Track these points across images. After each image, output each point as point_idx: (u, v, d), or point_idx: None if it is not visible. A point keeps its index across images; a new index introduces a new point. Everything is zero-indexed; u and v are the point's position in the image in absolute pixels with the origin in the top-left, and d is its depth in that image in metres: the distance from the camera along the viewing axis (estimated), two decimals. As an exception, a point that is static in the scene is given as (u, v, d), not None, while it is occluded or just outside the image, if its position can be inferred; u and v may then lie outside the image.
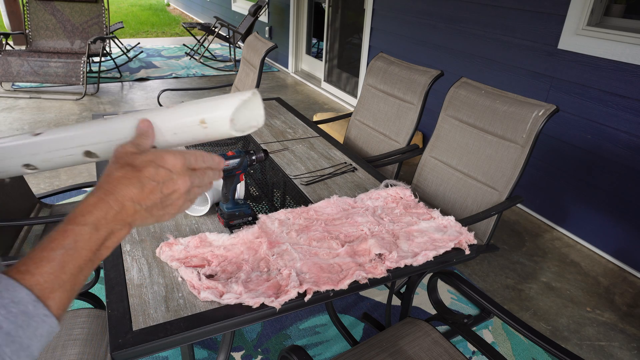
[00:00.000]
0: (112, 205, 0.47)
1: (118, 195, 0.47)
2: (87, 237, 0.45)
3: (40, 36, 4.68)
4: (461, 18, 3.06)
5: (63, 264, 0.43)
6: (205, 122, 0.55)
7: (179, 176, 0.50)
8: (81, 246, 0.45)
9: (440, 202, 1.89)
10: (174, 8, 12.12)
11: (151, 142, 0.54)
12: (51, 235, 0.44)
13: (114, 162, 0.50)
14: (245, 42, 2.83)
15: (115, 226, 0.47)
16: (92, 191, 0.48)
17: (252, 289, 0.95)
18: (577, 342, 1.85)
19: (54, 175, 2.96)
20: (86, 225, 0.45)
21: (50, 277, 0.42)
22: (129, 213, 0.48)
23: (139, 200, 0.48)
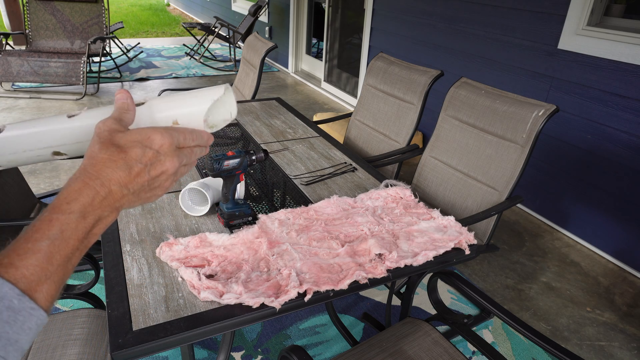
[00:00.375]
0: (98, 191, 0.44)
1: (104, 180, 0.45)
2: (73, 225, 0.43)
3: (40, 36, 4.68)
4: (461, 18, 3.06)
5: (50, 255, 0.41)
6: (178, 122, 0.54)
7: (166, 157, 0.48)
8: (68, 235, 0.43)
9: (440, 202, 1.89)
10: (174, 8, 12.12)
11: (132, 116, 0.51)
12: (35, 225, 0.42)
13: (98, 142, 0.47)
14: (245, 42, 2.83)
15: (102, 212, 0.45)
16: (75, 175, 0.45)
17: (252, 289, 0.95)
18: (577, 342, 1.85)
19: (54, 175, 2.96)
20: (72, 213, 0.43)
21: (36, 270, 0.40)
22: (116, 198, 0.46)
23: (126, 183, 0.46)
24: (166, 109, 0.54)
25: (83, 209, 0.44)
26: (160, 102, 0.54)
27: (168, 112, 0.54)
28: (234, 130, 1.94)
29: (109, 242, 1.11)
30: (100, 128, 0.48)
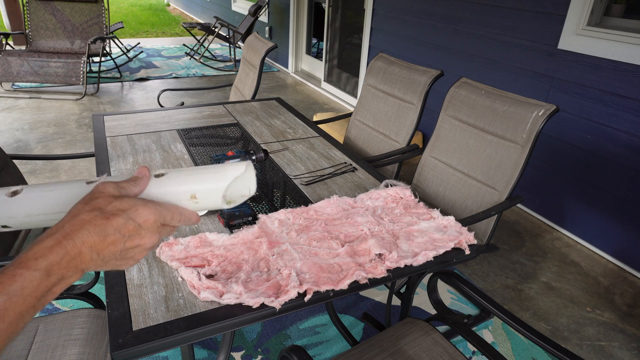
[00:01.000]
0: (68, 251, 0.44)
1: (77, 241, 0.44)
2: (36, 283, 0.42)
3: (40, 36, 4.69)
4: (461, 18, 3.06)
5: (3, 312, 0.40)
6: (197, 197, 0.54)
7: (147, 232, 0.48)
8: (27, 293, 0.41)
9: (440, 202, 1.89)
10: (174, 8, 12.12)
11: (139, 191, 0.51)
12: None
13: (86, 202, 0.47)
14: (245, 42, 2.83)
15: (67, 272, 0.44)
16: (51, 230, 0.45)
17: (252, 289, 0.95)
18: (577, 342, 1.85)
19: (54, 175, 2.96)
20: (37, 270, 0.42)
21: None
22: (84, 260, 0.45)
23: (98, 250, 0.45)
24: (185, 183, 0.54)
25: (49, 267, 0.43)
26: (180, 175, 0.54)
27: (187, 187, 0.54)
28: (234, 130, 1.94)
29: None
30: (98, 187, 0.49)
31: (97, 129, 1.86)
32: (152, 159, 1.60)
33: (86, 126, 3.79)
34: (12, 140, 3.45)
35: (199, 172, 0.55)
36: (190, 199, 0.54)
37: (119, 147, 1.69)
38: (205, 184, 0.54)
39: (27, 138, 3.50)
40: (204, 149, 1.71)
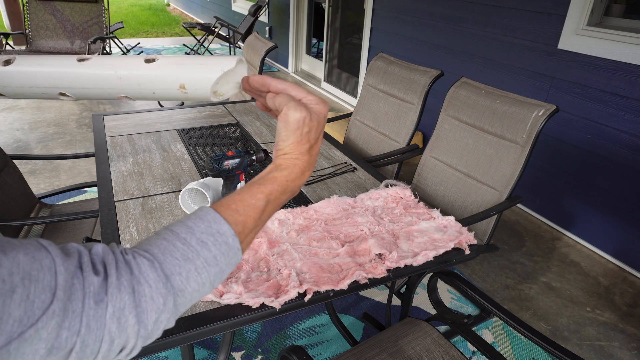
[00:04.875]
0: (289, 173, 0.57)
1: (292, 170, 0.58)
2: (279, 195, 0.56)
3: (40, 36, 4.68)
4: (461, 18, 3.06)
5: (262, 213, 0.53)
6: (186, 87, 0.54)
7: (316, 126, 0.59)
8: (277, 203, 0.56)
9: (440, 202, 1.89)
10: (174, 8, 12.12)
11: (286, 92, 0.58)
12: (261, 188, 0.54)
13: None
14: (245, 42, 2.83)
15: (288, 187, 0.58)
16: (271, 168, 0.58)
17: (252, 289, 0.95)
18: (577, 342, 1.85)
19: (54, 175, 2.96)
20: (280, 185, 0.56)
21: (250, 221, 0.52)
22: (292, 177, 0.58)
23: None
24: (176, 71, 0.54)
25: (294, 181, 0.57)
26: (171, 63, 0.54)
27: (177, 75, 0.54)
28: (234, 130, 1.94)
29: (109, 242, 1.11)
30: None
31: (97, 129, 1.86)
32: (152, 159, 1.60)
33: (86, 126, 3.79)
34: (12, 140, 3.45)
35: (190, 61, 0.54)
36: (179, 89, 0.54)
37: (119, 147, 1.69)
38: (195, 74, 0.54)
39: (27, 138, 3.50)
40: (204, 149, 1.71)
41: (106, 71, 0.53)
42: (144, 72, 0.53)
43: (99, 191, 1.36)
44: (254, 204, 0.53)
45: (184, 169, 1.54)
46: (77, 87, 0.54)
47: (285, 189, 0.56)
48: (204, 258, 0.47)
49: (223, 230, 0.49)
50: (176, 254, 0.45)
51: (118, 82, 0.54)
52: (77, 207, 1.89)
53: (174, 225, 0.49)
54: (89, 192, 2.71)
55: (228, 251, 0.49)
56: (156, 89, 0.54)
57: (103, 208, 1.27)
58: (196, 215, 0.50)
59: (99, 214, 1.25)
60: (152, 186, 1.41)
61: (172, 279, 0.44)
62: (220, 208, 0.51)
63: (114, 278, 0.41)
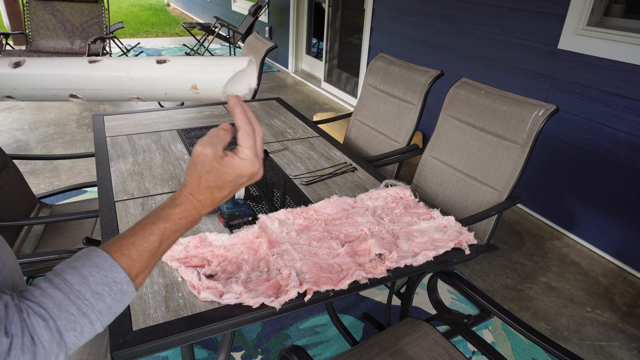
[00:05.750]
0: (195, 206, 0.58)
1: (200, 200, 0.59)
2: (180, 233, 0.57)
3: (40, 36, 4.68)
4: (461, 18, 3.06)
5: (156, 255, 0.54)
6: (197, 87, 0.54)
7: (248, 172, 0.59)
8: (172, 241, 0.56)
9: (440, 202, 1.89)
10: (174, 8, 12.12)
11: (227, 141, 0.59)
12: (151, 229, 0.54)
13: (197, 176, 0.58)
14: (245, 42, 2.83)
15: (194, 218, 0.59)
16: (177, 197, 0.58)
17: (252, 289, 0.95)
18: (577, 342, 1.85)
19: (54, 175, 2.96)
20: (183, 220, 0.57)
21: (143, 264, 0.52)
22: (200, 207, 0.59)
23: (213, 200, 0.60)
24: (187, 72, 0.54)
25: (187, 218, 0.57)
26: (182, 64, 0.54)
27: (189, 75, 0.54)
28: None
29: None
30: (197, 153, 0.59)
31: (97, 129, 1.86)
32: (152, 159, 1.60)
33: (86, 126, 3.79)
34: (12, 140, 3.45)
35: (202, 62, 0.55)
36: (191, 89, 0.54)
37: (119, 147, 1.69)
38: (207, 74, 0.54)
39: (27, 138, 3.50)
40: (204, 149, 1.71)
41: (118, 72, 0.53)
42: (156, 73, 0.54)
43: (99, 191, 1.36)
44: (146, 247, 0.53)
45: (184, 169, 1.54)
46: (89, 89, 0.54)
47: (179, 227, 0.56)
48: (98, 310, 0.48)
49: (119, 278, 0.50)
50: (71, 308, 0.46)
51: (130, 83, 0.54)
52: (77, 207, 1.89)
53: (66, 271, 0.48)
54: (89, 192, 2.71)
55: (122, 297, 0.50)
56: (168, 90, 0.54)
57: (103, 208, 1.27)
58: (92, 262, 0.49)
59: (99, 214, 1.25)
60: (152, 186, 1.41)
61: (66, 336, 0.45)
62: (115, 254, 0.51)
63: (19, 339, 0.42)
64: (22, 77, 0.53)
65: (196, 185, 0.57)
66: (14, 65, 0.53)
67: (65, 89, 0.54)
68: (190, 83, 0.54)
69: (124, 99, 0.56)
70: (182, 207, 0.56)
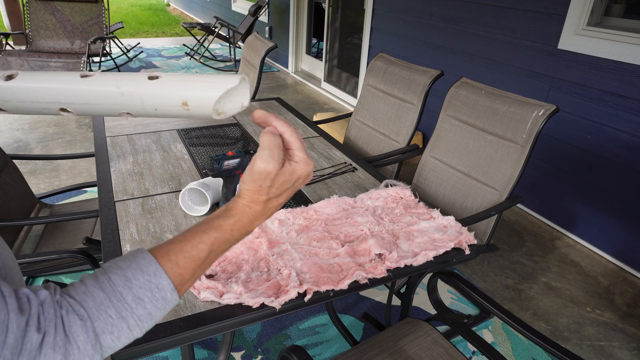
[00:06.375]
0: (244, 221, 0.57)
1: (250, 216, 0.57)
2: (229, 244, 0.56)
3: (40, 36, 4.68)
4: (461, 18, 3.06)
5: (204, 265, 0.53)
6: (188, 104, 0.54)
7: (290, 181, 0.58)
8: (221, 251, 0.55)
9: (440, 202, 1.89)
10: (174, 8, 12.12)
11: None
12: (202, 238, 0.52)
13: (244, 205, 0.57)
14: (245, 42, 2.83)
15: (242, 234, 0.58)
16: (237, 209, 0.57)
17: (252, 289, 0.95)
18: (577, 342, 1.85)
19: (54, 175, 2.96)
20: (234, 233, 0.55)
21: (189, 273, 0.51)
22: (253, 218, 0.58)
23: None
24: (178, 88, 0.54)
25: (240, 230, 0.56)
26: (174, 80, 0.54)
27: (180, 92, 0.54)
28: (234, 130, 1.94)
29: (109, 242, 1.11)
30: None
31: (97, 129, 1.86)
32: (152, 159, 1.60)
33: (86, 126, 3.79)
34: (12, 140, 3.45)
35: (193, 79, 0.54)
36: (181, 106, 0.54)
37: (119, 147, 1.69)
38: (198, 91, 0.53)
39: (27, 138, 3.50)
40: (204, 149, 1.71)
41: (108, 87, 0.53)
42: (147, 89, 0.53)
43: (99, 191, 1.36)
44: (195, 255, 0.52)
45: (184, 169, 1.54)
46: (79, 103, 0.54)
47: (230, 238, 0.55)
48: (137, 316, 0.47)
49: (162, 285, 0.48)
50: (110, 310, 0.45)
51: (120, 98, 0.54)
52: (77, 207, 1.89)
53: (112, 271, 0.48)
54: (89, 192, 2.71)
55: (164, 305, 0.49)
56: (158, 106, 0.54)
57: (103, 208, 1.27)
58: (137, 264, 0.49)
59: (99, 214, 1.25)
60: (152, 186, 1.41)
61: (102, 338, 0.44)
62: (161, 258, 0.50)
63: (52, 337, 0.41)
64: (13, 90, 0.53)
65: (254, 197, 0.55)
66: (6, 78, 0.53)
67: (55, 103, 0.54)
68: (180, 100, 0.54)
69: (114, 114, 0.56)
70: (236, 218, 0.55)
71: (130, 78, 0.54)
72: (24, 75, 0.53)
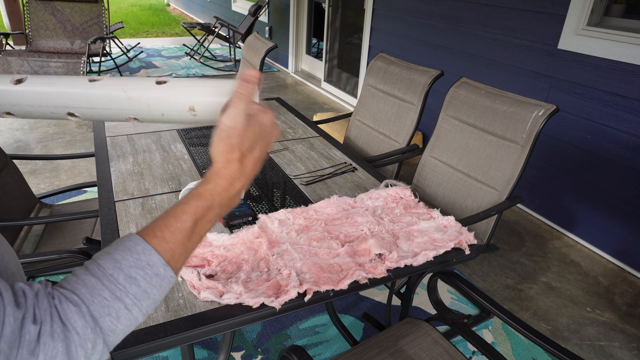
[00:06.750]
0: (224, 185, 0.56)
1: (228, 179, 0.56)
2: (215, 212, 0.54)
3: (40, 36, 4.68)
4: (461, 18, 3.06)
5: (191, 235, 0.52)
6: (195, 110, 0.54)
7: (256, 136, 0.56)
8: (207, 220, 0.54)
9: (440, 202, 1.89)
10: (174, 8, 12.12)
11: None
12: (184, 208, 0.52)
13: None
14: (245, 42, 2.83)
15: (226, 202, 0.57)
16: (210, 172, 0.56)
17: (252, 289, 0.95)
18: (577, 342, 1.85)
19: (54, 175, 2.96)
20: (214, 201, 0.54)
21: (178, 246, 0.51)
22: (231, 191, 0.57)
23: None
24: (186, 93, 0.53)
25: (221, 194, 0.55)
26: (182, 85, 0.54)
27: (187, 97, 0.53)
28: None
29: (109, 242, 1.11)
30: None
31: (97, 129, 1.86)
32: (152, 159, 1.60)
33: (86, 126, 3.79)
34: (12, 140, 3.45)
35: (200, 84, 0.54)
36: (188, 111, 0.53)
37: (119, 147, 1.69)
38: (206, 97, 0.53)
39: (27, 138, 3.50)
40: (204, 149, 1.71)
41: (116, 92, 0.53)
42: (154, 94, 0.53)
43: (99, 191, 1.36)
44: (180, 227, 0.51)
45: (184, 169, 1.54)
46: (87, 107, 0.54)
47: (212, 203, 0.54)
48: (132, 295, 0.46)
49: (153, 261, 0.48)
50: (104, 292, 0.45)
51: (128, 102, 0.54)
52: (77, 207, 1.89)
53: (101, 257, 0.47)
54: (89, 192, 2.71)
55: (160, 282, 0.48)
56: (165, 111, 0.54)
57: (103, 208, 1.27)
58: (124, 246, 0.48)
59: (99, 214, 1.25)
60: (152, 186, 1.41)
61: (101, 321, 0.44)
62: (147, 236, 0.49)
63: (48, 326, 0.41)
64: (22, 94, 0.53)
65: (227, 156, 0.54)
66: (16, 82, 0.53)
67: (63, 107, 0.54)
68: (188, 105, 0.53)
69: (121, 119, 0.55)
70: (214, 182, 0.54)
71: (137, 83, 0.54)
72: (33, 80, 0.53)
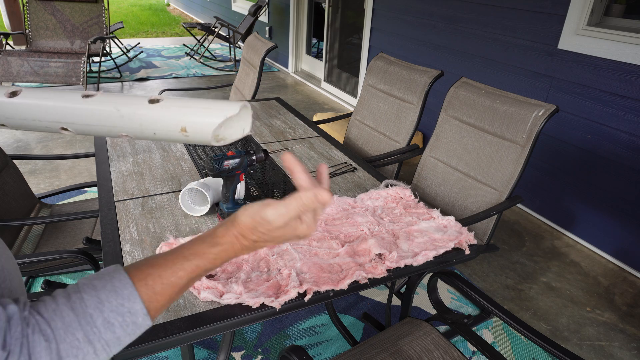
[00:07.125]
0: (227, 248, 0.55)
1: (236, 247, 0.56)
2: (208, 267, 0.54)
3: (40, 36, 4.68)
4: (461, 18, 3.06)
5: (181, 291, 0.52)
6: (187, 130, 0.53)
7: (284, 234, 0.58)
8: (198, 275, 0.54)
9: (440, 202, 1.89)
10: (174, 8, 12.12)
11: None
12: (184, 265, 0.51)
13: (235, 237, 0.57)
14: (245, 42, 2.83)
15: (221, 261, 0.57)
16: (223, 229, 0.56)
17: (252, 289, 0.95)
18: (577, 342, 1.85)
19: (54, 175, 2.96)
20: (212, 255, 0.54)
21: (166, 299, 0.50)
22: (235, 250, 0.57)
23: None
24: (178, 113, 0.53)
25: (223, 260, 0.55)
26: (174, 105, 0.53)
27: (179, 117, 0.53)
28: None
29: (109, 242, 1.11)
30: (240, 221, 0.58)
31: (97, 129, 1.86)
32: (152, 159, 1.60)
33: (86, 126, 3.78)
34: (12, 140, 3.45)
35: (194, 104, 0.54)
36: (180, 132, 0.53)
37: (119, 147, 1.69)
38: (197, 117, 0.53)
39: (27, 138, 3.50)
40: (204, 149, 1.71)
41: (109, 109, 0.52)
42: (147, 113, 0.53)
43: (99, 191, 1.36)
44: (173, 282, 0.50)
45: (184, 169, 1.54)
46: (80, 123, 0.54)
47: (211, 267, 0.54)
48: (105, 341, 0.45)
49: (135, 309, 0.47)
50: (78, 333, 0.44)
51: (120, 120, 0.53)
52: (77, 207, 1.89)
53: (86, 290, 0.46)
54: (89, 192, 2.71)
55: (135, 330, 0.48)
56: (157, 130, 0.54)
57: (103, 208, 1.27)
58: (112, 286, 0.47)
59: (99, 214, 1.25)
60: (152, 186, 1.41)
61: None
62: (138, 282, 0.48)
63: (16, 357, 0.40)
64: (16, 107, 0.53)
65: (246, 232, 0.54)
66: (10, 95, 0.53)
67: (56, 122, 0.54)
68: (179, 125, 0.53)
69: (113, 135, 0.55)
70: (222, 247, 0.54)
71: (130, 100, 0.54)
72: (27, 93, 0.53)
